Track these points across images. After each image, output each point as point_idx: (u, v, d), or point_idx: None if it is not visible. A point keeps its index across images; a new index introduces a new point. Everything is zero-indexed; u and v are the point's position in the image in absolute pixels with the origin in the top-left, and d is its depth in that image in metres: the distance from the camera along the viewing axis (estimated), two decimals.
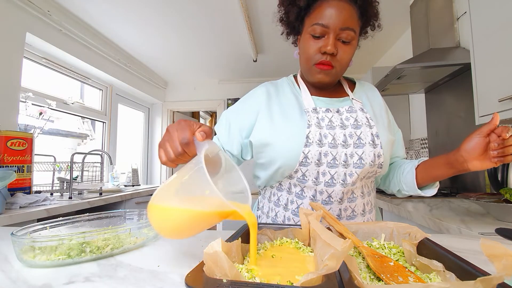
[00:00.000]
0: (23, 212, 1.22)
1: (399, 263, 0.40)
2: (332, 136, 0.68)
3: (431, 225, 1.00)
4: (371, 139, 0.69)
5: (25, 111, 1.85)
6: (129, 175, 2.96)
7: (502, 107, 1.00)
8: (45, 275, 0.43)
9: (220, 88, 3.89)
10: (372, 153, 0.68)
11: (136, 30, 2.48)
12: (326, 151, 0.67)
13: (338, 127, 0.70)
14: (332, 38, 0.66)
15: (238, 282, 0.30)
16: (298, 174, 0.69)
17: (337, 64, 0.69)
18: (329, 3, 0.65)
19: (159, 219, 0.43)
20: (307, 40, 0.69)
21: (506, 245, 0.42)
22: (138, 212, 0.71)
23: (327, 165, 0.67)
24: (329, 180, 0.67)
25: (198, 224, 0.43)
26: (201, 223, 0.43)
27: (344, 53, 0.68)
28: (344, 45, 0.68)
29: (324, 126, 0.70)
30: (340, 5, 0.65)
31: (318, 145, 0.67)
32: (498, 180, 1.08)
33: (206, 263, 0.34)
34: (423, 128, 2.24)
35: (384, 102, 0.84)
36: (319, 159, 0.67)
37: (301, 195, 0.71)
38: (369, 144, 0.68)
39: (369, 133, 0.69)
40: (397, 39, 2.66)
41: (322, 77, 0.71)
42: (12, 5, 1.75)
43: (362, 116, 0.72)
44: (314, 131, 0.68)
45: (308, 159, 0.67)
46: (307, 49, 0.70)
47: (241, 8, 2.04)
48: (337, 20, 0.64)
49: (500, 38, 1.03)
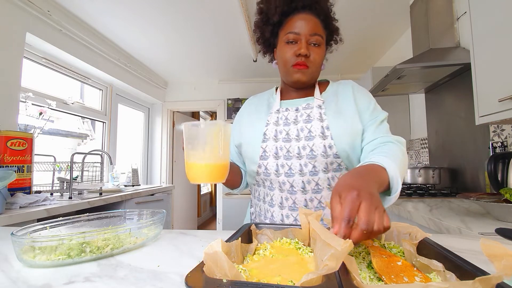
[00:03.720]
0: (23, 212, 1.22)
1: (407, 263, 0.39)
2: (286, 132, 0.79)
3: (431, 225, 1.00)
4: (321, 131, 0.75)
5: (25, 111, 1.85)
6: (129, 175, 2.95)
7: (502, 107, 1.00)
8: (45, 275, 0.43)
9: (220, 88, 3.89)
10: (322, 144, 0.74)
11: (136, 30, 2.48)
12: (281, 145, 0.78)
13: (292, 123, 0.80)
14: (304, 42, 0.77)
15: (238, 282, 0.30)
16: (261, 169, 0.80)
17: (311, 64, 0.79)
18: (298, 16, 0.79)
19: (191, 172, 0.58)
20: (283, 47, 0.80)
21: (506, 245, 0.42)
22: (138, 212, 0.71)
23: (284, 158, 0.77)
24: (288, 171, 0.77)
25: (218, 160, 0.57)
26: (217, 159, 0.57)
27: (316, 54, 0.79)
28: (315, 48, 0.79)
29: (282, 123, 0.81)
30: (308, 17, 0.78)
31: (274, 140, 0.79)
32: (498, 180, 1.07)
33: (206, 263, 0.34)
34: (423, 128, 2.24)
35: (357, 94, 0.82)
36: (276, 153, 0.78)
37: (271, 187, 0.81)
38: (319, 136, 0.75)
39: (319, 126, 0.76)
40: (397, 39, 2.66)
41: (299, 76, 0.79)
42: (12, 5, 1.75)
43: (316, 112, 0.79)
44: (271, 129, 0.81)
45: (266, 153, 0.79)
46: (284, 54, 0.80)
47: (241, 8, 2.04)
48: (307, 28, 0.77)
49: (500, 38, 1.03)
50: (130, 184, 2.88)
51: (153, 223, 0.60)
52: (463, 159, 1.75)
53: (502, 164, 1.07)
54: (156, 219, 0.61)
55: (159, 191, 2.64)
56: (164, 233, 0.67)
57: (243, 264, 0.41)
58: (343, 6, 2.11)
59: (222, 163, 0.58)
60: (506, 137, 1.40)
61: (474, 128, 1.62)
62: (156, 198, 2.53)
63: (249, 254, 0.46)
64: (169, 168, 3.88)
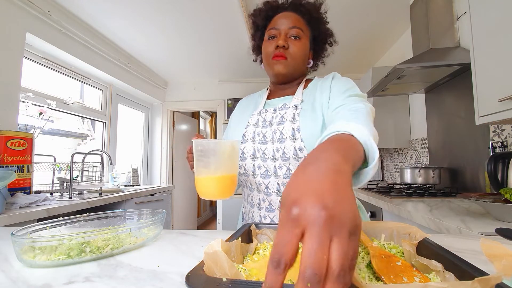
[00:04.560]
0: (23, 212, 1.22)
1: (407, 263, 0.39)
2: (263, 134, 0.79)
3: (431, 225, 1.00)
4: (291, 134, 0.75)
5: (25, 111, 1.85)
6: (129, 175, 2.95)
7: (502, 107, 1.00)
8: (45, 275, 0.43)
9: (220, 88, 3.89)
10: (292, 146, 0.73)
11: (136, 30, 2.48)
12: (258, 147, 0.79)
13: (268, 125, 0.80)
14: (283, 35, 0.79)
15: (238, 281, 0.30)
16: (241, 170, 0.82)
17: (290, 56, 0.79)
18: (279, 15, 0.82)
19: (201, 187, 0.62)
20: (265, 43, 0.83)
21: (506, 245, 0.42)
22: (138, 212, 0.71)
23: (261, 159, 0.78)
24: (264, 172, 0.77)
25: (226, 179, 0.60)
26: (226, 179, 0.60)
27: (295, 46, 0.79)
28: (294, 40, 0.79)
29: (260, 125, 0.82)
30: (288, 14, 0.81)
31: (252, 142, 0.80)
32: (498, 180, 1.07)
33: (206, 263, 0.34)
34: (423, 128, 2.24)
35: (334, 82, 0.77)
36: (254, 154, 0.79)
37: (251, 188, 0.82)
38: (289, 138, 0.74)
39: (290, 128, 0.75)
40: (397, 39, 2.66)
41: (279, 68, 0.79)
42: (12, 5, 1.75)
43: (290, 113, 0.78)
44: (250, 130, 0.82)
45: (244, 154, 0.80)
46: (265, 49, 0.82)
47: (241, 8, 2.04)
48: (286, 22, 0.79)
49: (500, 38, 1.03)
50: (130, 184, 2.88)
51: (153, 223, 0.60)
52: (463, 159, 1.75)
53: (502, 164, 1.07)
54: (156, 219, 0.61)
55: (159, 191, 2.64)
56: (164, 233, 0.67)
57: (243, 264, 0.41)
58: (343, 6, 2.11)
59: (231, 179, 0.62)
60: (506, 137, 1.40)
61: (474, 128, 1.62)
62: (156, 198, 2.53)
63: (249, 254, 0.46)
64: (169, 168, 3.88)
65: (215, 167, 0.59)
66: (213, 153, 0.59)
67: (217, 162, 0.59)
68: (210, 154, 0.59)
